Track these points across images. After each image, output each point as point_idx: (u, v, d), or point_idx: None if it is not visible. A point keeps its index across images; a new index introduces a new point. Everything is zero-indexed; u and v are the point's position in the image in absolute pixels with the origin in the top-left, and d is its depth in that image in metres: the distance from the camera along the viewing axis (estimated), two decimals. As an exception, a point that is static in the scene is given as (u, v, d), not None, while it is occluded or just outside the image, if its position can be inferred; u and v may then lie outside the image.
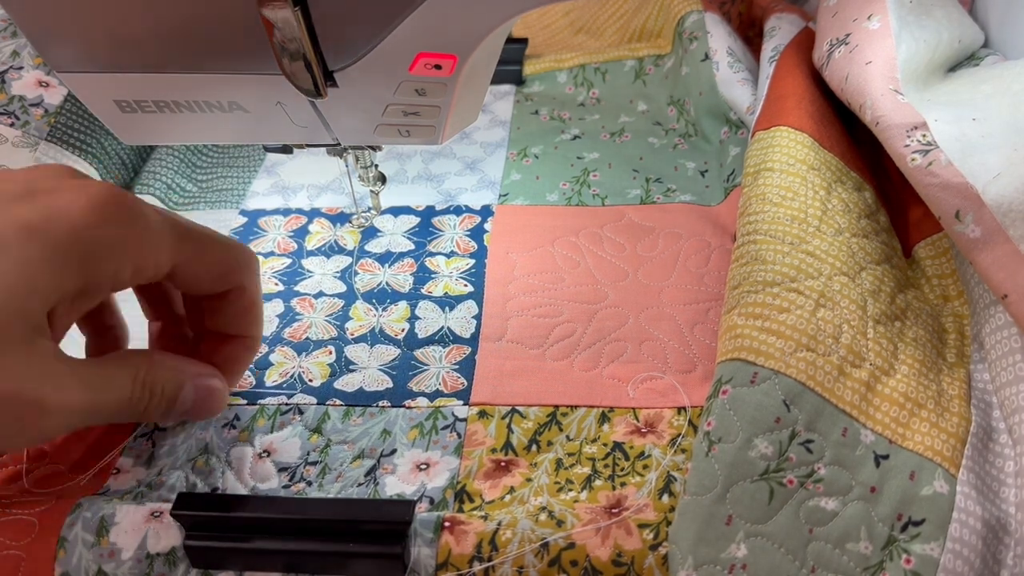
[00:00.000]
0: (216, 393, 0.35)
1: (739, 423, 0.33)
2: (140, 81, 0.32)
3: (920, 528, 0.31)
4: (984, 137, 0.39)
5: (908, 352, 0.38)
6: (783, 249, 0.40)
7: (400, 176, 0.56)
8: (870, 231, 0.43)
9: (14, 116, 0.49)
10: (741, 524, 0.31)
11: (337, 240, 0.51)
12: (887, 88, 0.43)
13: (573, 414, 0.39)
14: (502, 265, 0.48)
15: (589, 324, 0.44)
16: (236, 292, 0.36)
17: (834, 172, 0.45)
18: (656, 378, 0.40)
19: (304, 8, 0.28)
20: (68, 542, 0.32)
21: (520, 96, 0.63)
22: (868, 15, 0.47)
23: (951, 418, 0.36)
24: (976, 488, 0.33)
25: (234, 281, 0.35)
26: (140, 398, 0.32)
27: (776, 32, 0.56)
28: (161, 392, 0.33)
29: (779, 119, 0.47)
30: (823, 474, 0.33)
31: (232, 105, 0.34)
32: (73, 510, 0.33)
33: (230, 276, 0.35)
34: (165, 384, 0.33)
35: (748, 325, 0.36)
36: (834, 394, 0.35)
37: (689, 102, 0.59)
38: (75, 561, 0.32)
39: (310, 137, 0.37)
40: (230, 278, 0.35)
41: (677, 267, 0.47)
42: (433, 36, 0.30)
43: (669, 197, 0.52)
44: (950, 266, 0.44)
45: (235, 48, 0.30)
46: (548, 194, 0.53)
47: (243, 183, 0.56)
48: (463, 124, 0.38)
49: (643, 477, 0.36)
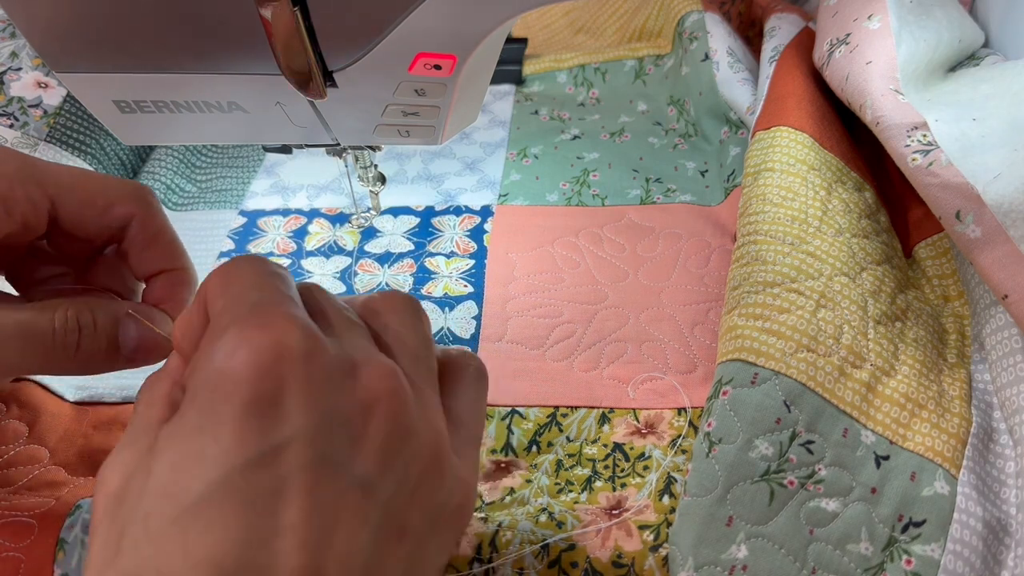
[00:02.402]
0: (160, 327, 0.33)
1: (740, 424, 0.33)
2: (139, 81, 0.32)
3: (921, 529, 0.31)
4: (984, 137, 0.39)
5: (909, 353, 0.38)
6: (783, 249, 0.39)
7: (400, 176, 0.56)
8: (870, 231, 0.43)
9: (13, 117, 0.49)
10: (742, 525, 0.31)
11: (337, 240, 0.51)
12: (887, 88, 0.42)
13: (573, 415, 0.39)
14: (502, 265, 0.48)
15: (589, 325, 0.44)
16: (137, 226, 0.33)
17: (834, 172, 0.45)
18: (656, 379, 0.40)
19: (303, 8, 0.28)
20: (68, 544, 0.32)
21: (520, 96, 0.63)
22: (868, 15, 0.47)
23: (952, 419, 0.36)
24: (977, 489, 0.33)
25: (124, 211, 0.33)
26: (68, 330, 0.30)
27: (776, 32, 0.56)
28: (92, 324, 0.30)
29: (779, 119, 0.47)
30: (824, 475, 0.33)
31: (231, 105, 0.33)
32: (73, 512, 0.33)
33: (116, 207, 0.33)
34: (97, 315, 0.31)
35: (749, 326, 0.36)
36: (835, 395, 0.35)
37: (689, 102, 0.59)
38: (75, 563, 0.32)
39: (309, 137, 0.37)
40: (116, 209, 0.33)
41: (677, 267, 0.47)
42: (433, 36, 0.30)
43: (669, 197, 0.52)
44: (950, 266, 0.44)
45: (234, 48, 0.30)
46: (548, 194, 0.53)
47: (242, 183, 0.56)
48: (463, 124, 0.38)
49: (643, 478, 0.35)
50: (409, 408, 0.23)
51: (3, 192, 0.30)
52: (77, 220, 0.32)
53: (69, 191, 0.32)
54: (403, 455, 0.23)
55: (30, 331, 0.29)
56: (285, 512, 0.21)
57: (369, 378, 0.23)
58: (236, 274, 0.24)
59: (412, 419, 0.23)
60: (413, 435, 0.23)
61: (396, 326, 0.26)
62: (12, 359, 0.29)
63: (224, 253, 0.50)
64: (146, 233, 0.34)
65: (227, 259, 0.38)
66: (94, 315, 0.31)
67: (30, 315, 0.30)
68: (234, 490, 0.20)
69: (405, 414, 0.23)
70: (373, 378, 0.23)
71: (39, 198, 0.31)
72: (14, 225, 0.31)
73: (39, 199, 0.31)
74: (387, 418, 0.23)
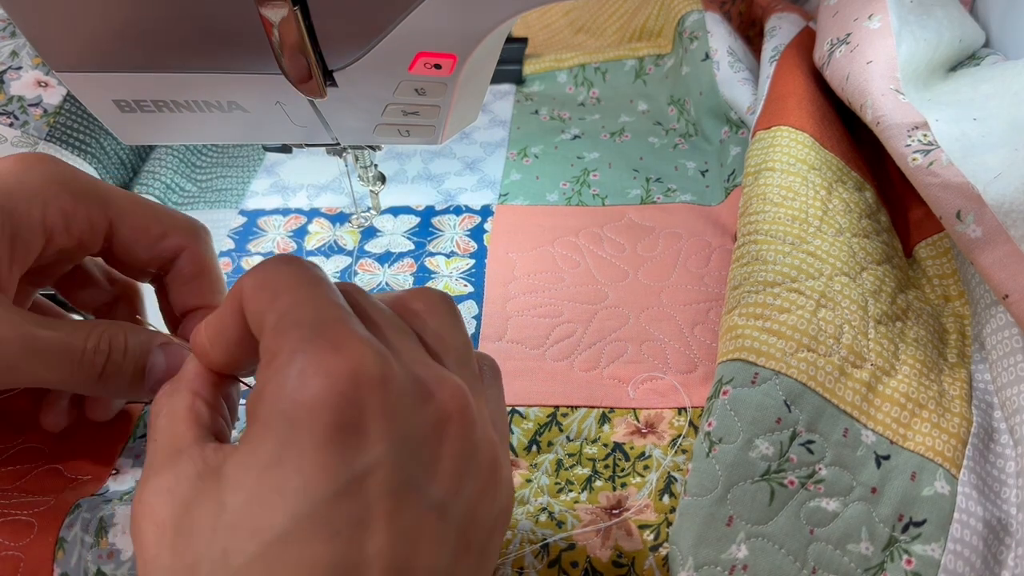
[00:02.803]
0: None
1: (740, 424, 0.33)
2: (139, 81, 0.32)
3: (921, 529, 0.31)
4: (985, 137, 0.39)
5: (909, 352, 0.38)
6: (784, 249, 0.39)
7: (400, 176, 0.56)
8: (871, 231, 0.43)
9: (13, 116, 0.49)
10: (742, 525, 0.31)
11: (337, 240, 0.51)
12: (888, 88, 0.42)
13: (573, 415, 0.39)
14: (502, 265, 0.48)
15: (589, 324, 0.43)
16: (186, 258, 0.34)
17: (835, 172, 0.45)
18: (656, 378, 0.40)
19: (303, 7, 0.28)
20: (67, 543, 0.32)
21: (520, 96, 0.63)
22: (869, 15, 0.47)
23: (952, 418, 0.36)
24: (977, 489, 0.33)
25: (176, 243, 0.34)
26: (97, 350, 0.30)
27: (777, 32, 0.56)
28: (124, 349, 0.30)
29: (780, 119, 0.47)
30: (824, 475, 0.33)
31: (231, 105, 0.33)
32: (72, 511, 0.33)
33: (170, 237, 0.33)
34: (130, 341, 0.31)
35: (749, 325, 0.36)
36: (835, 394, 0.35)
37: (689, 102, 0.59)
38: (74, 562, 0.32)
39: (309, 137, 0.37)
40: (170, 239, 0.33)
41: (677, 267, 0.47)
42: (433, 36, 0.30)
43: (669, 197, 0.52)
44: (951, 266, 0.44)
45: (234, 48, 0.30)
46: (548, 194, 0.53)
47: (242, 183, 0.56)
48: (463, 124, 0.38)
49: (643, 478, 0.35)
50: (476, 424, 0.23)
51: (66, 208, 0.31)
52: (130, 245, 0.33)
53: (128, 216, 0.32)
54: (471, 472, 0.23)
55: (62, 347, 0.29)
56: (370, 540, 0.20)
57: (441, 398, 0.23)
58: (279, 282, 0.23)
59: (478, 435, 0.23)
60: (477, 450, 0.23)
61: (436, 327, 0.26)
62: (39, 372, 0.29)
63: (224, 253, 0.50)
64: (193, 267, 0.34)
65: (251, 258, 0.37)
66: (127, 340, 0.31)
67: (66, 332, 0.30)
68: (320, 523, 0.20)
69: (473, 431, 0.23)
70: (445, 397, 0.23)
71: (99, 219, 0.32)
72: (71, 241, 0.31)
73: (98, 220, 0.32)
74: (458, 436, 0.22)
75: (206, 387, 0.26)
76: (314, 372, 0.21)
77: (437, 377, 0.23)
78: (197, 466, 0.22)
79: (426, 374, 0.23)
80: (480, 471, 0.23)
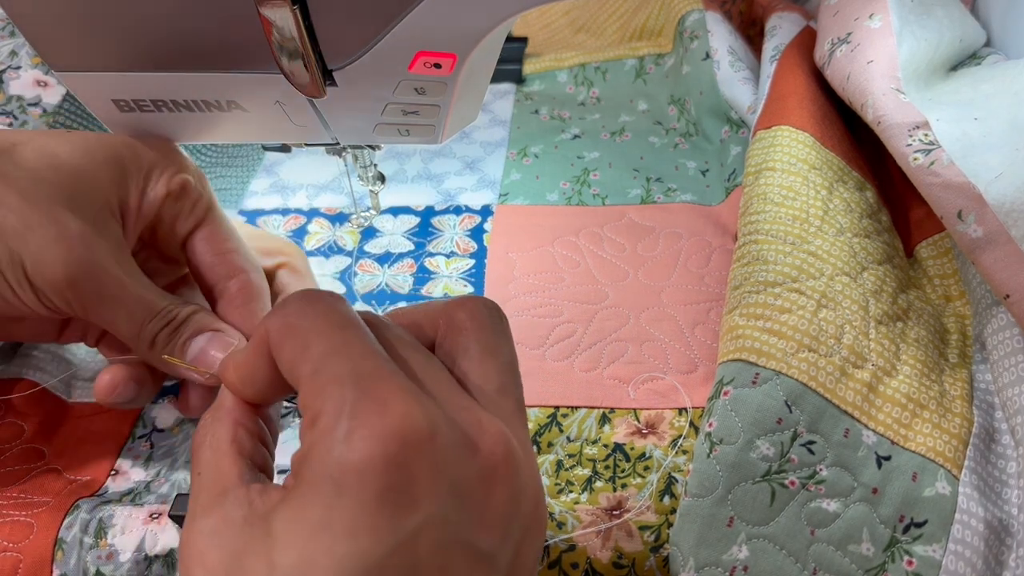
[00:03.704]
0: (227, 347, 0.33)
1: (740, 424, 0.33)
2: (138, 80, 0.32)
3: (922, 529, 0.31)
4: (986, 136, 0.39)
5: (910, 353, 0.38)
6: (784, 249, 0.39)
7: (400, 176, 0.56)
8: (872, 231, 0.43)
9: (12, 116, 0.48)
10: (743, 526, 0.31)
11: (336, 240, 0.51)
12: (889, 87, 0.42)
13: (573, 415, 0.39)
14: (502, 265, 0.48)
15: (589, 324, 0.43)
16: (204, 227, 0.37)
17: (836, 172, 0.44)
18: (657, 379, 0.40)
19: (303, 7, 0.28)
20: (66, 544, 0.32)
21: (520, 95, 0.63)
22: (869, 14, 0.47)
23: (953, 419, 0.36)
24: (978, 489, 0.33)
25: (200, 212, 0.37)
26: (165, 311, 0.32)
27: (777, 31, 0.56)
28: (182, 320, 0.32)
29: (780, 118, 0.47)
30: (825, 475, 0.33)
31: (231, 104, 0.33)
32: (71, 511, 0.33)
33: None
34: (193, 317, 0.32)
35: (750, 326, 0.36)
36: (836, 395, 0.34)
37: (690, 101, 0.59)
38: (73, 563, 0.32)
39: (309, 136, 0.37)
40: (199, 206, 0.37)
41: (678, 267, 0.47)
42: (432, 35, 0.29)
43: (670, 197, 0.52)
44: (952, 266, 0.43)
45: (234, 47, 0.30)
46: (548, 194, 0.53)
47: (242, 183, 0.56)
48: (463, 123, 0.38)
49: (644, 479, 0.35)
50: (521, 468, 0.23)
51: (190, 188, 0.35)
52: None
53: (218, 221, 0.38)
54: (517, 517, 0.23)
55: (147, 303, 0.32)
56: None
57: (487, 447, 0.22)
58: (307, 328, 0.23)
59: (523, 479, 0.23)
60: (523, 495, 0.23)
61: (482, 343, 0.25)
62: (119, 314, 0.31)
63: (224, 252, 0.50)
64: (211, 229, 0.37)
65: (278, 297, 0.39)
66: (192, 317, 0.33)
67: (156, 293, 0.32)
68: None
69: (519, 476, 0.23)
70: (489, 446, 0.22)
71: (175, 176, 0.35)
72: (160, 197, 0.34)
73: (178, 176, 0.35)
74: (504, 484, 0.22)
75: (246, 414, 0.26)
76: (360, 436, 0.20)
77: (478, 423, 0.23)
78: (243, 510, 0.22)
79: (468, 420, 0.23)
80: (526, 515, 0.23)
